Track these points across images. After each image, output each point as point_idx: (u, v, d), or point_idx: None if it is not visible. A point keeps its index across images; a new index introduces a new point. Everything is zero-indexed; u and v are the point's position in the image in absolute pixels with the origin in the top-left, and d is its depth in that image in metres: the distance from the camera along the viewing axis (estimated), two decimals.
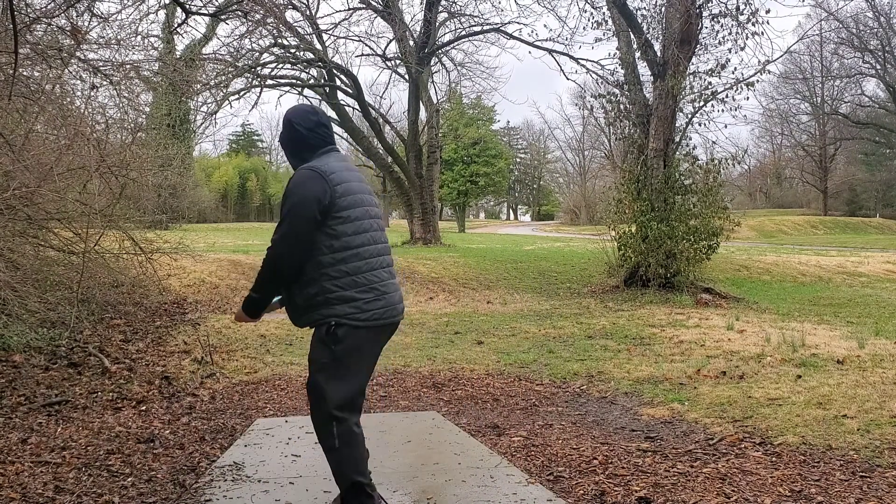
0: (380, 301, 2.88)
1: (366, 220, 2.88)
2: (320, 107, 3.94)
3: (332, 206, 2.76)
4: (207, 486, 3.48)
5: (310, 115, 3.00)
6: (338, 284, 2.80)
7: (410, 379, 6.08)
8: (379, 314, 2.89)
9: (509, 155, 58.40)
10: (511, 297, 11.91)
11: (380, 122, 21.80)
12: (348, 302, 2.81)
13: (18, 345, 5.92)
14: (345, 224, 2.80)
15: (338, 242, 2.79)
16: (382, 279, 2.91)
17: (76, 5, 6.28)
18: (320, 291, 2.80)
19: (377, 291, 2.88)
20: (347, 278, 2.81)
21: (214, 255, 13.08)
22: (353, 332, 2.84)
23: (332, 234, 2.78)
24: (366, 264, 2.85)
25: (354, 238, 2.82)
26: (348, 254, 2.80)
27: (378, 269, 2.90)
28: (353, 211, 2.82)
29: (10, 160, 5.59)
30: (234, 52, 17.37)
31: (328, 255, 2.78)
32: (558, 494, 3.36)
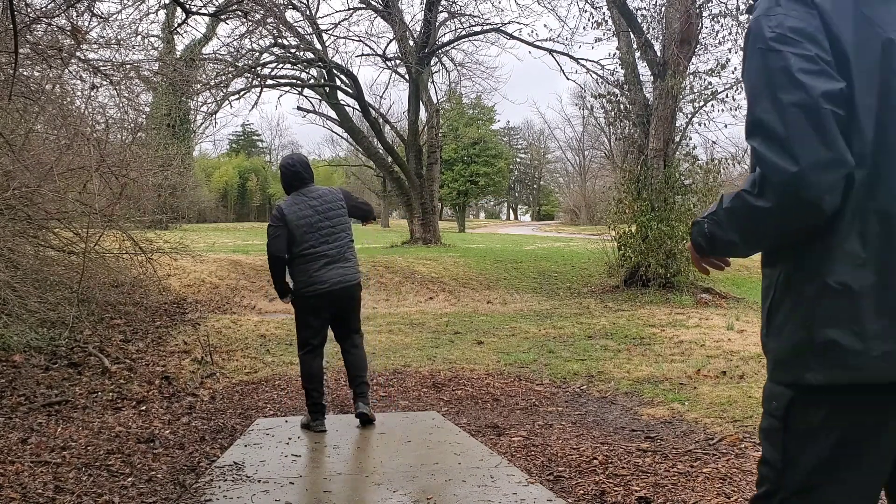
0: (312, 280, 4.51)
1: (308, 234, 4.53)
2: (300, 153, 5.14)
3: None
4: (207, 486, 3.48)
5: (288, 166, 4.70)
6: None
7: (410, 379, 6.09)
8: (312, 289, 4.52)
9: (509, 155, 58.42)
10: (511, 297, 11.91)
11: (380, 122, 21.80)
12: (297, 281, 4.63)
13: (18, 345, 5.92)
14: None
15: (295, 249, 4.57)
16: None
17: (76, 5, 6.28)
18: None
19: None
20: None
21: (214, 255, 13.08)
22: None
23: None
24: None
25: (295, 247, 4.54)
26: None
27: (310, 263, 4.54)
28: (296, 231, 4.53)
29: (10, 160, 5.59)
30: (234, 52, 17.39)
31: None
32: (558, 494, 3.36)
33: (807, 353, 1.44)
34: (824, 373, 1.42)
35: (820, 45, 1.41)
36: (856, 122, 1.41)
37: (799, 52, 1.41)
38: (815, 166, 1.35)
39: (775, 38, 1.44)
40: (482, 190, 51.15)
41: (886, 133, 1.42)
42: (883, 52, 1.42)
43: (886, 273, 1.40)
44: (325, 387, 4.94)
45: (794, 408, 1.49)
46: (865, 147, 1.41)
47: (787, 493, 1.51)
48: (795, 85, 1.38)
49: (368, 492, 3.44)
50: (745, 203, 1.46)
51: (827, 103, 1.36)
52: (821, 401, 1.45)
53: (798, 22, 1.43)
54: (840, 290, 1.41)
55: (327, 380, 5.64)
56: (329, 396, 5.37)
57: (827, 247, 1.43)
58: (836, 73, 1.40)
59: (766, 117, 1.41)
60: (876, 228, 1.40)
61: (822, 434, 1.46)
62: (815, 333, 1.43)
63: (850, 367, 1.39)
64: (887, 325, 1.38)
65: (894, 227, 1.40)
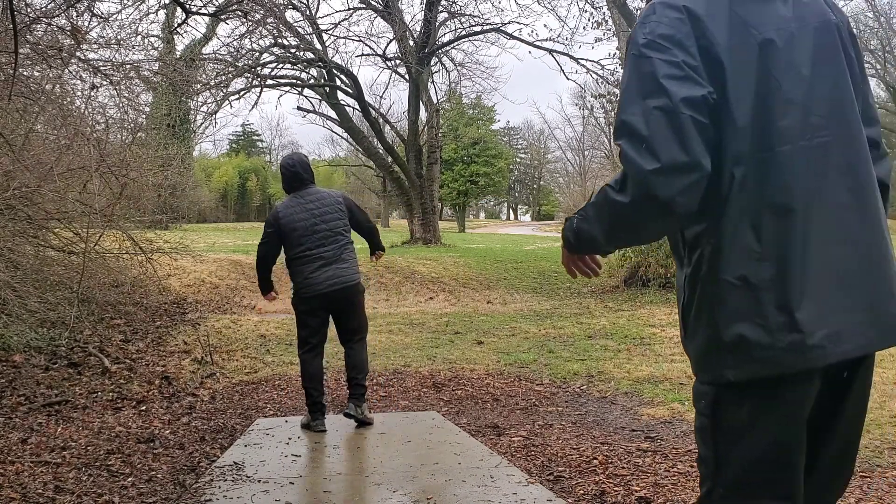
0: (308, 281, 4.54)
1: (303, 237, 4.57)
2: (300, 152, 5.13)
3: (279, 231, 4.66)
4: (207, 486, 3.48)
5: (287, 166, 4.71)
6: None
7: (410, 379, 6.09)
8: (308, 290, 4.55)
9: (509, 155, 58.36)
10: (511, 297, 11.91)
11: (380, 122, 21.80)
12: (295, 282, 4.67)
13: (18, 345, 5.92)
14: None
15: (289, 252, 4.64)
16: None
17: (76, 5, 6.28)
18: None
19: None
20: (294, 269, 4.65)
21: (214, 255, 13.08)
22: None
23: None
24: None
25: (291, 250, 4.61)
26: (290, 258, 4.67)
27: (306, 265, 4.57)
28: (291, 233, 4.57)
29: (10, 160, 5.59)
30: (234, 52, 17.39)
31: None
32: (558, 494, 3.36)
33: (720, 350, 1.49)
34: (739, 368, 1.47)
35: (687, 52, 1.45)
36: (731, 123, 1.46)
37: (666, 59, 1.45)
38: (671, 167, 1.40)
39: (646, 45, 1.48)
40: (482, 190, 51.10)
41: (765, 132, 1.46)
42: (760, 53, 1.47)
43: (784, 265, 1.44)
44: (326, 387, 4.95)
45: (720, 405, 1.53)
46: (743, 145, 1.45)
47: (723, 489, 1.54)
48: (660, 90, 1.43)
49: (368, 492, 3.44)
50: (606, 197, 1.51)
51: (686, 109, 1.41)
52: (743, 395, 1.49)
53: (668, 29, 1.47)
54: (739, 285, 1.45)
55: (327, 380, 5.64)
56: (329, 396, 5.37)
57: (721, 245, 1.47)
58: (704, 78, 1.44)
59: (633, 119, 1.45)
60: (771, 222, 1.44)
61: (749, 428, 1.50)
62: (723, 331, 1.47)
63: (761, 360, 1.44)
64: (790, 315, 1.43)
65: (787, 221, 1.45)
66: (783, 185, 1.45)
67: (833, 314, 1.44)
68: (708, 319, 1.51)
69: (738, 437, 1.52)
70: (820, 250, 1.45)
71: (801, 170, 1.46)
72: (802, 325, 1.42)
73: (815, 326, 1.42)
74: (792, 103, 1.47)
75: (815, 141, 1.47)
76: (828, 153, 1.48)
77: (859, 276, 1.47)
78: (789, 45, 1.50)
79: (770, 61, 1.48)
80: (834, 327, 1.43)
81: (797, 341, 1.42)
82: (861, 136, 1.54)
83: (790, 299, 1.43)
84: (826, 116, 1.49)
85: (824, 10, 1.57)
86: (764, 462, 1.50)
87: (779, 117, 1.46)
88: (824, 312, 1.43)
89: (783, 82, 1.48)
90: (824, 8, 1.58)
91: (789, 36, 1.50)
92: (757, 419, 1.49)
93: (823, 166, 1.48)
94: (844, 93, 1.53)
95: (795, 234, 1.44)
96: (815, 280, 1.44)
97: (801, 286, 1.43)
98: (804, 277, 1.43)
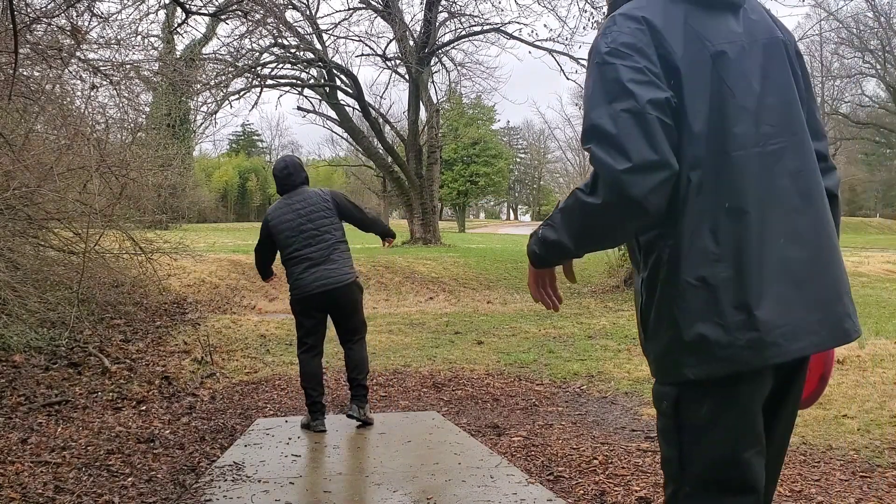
0: (298, 283, 4.55)
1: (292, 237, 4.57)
2: (295, 155, 5.11)
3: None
4: (207, 486, 3.48)
5: (279, 169, 4.72)
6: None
7: (410, 379, 6.09)
8: (299, 292, 4.56)
9: (509, 155, 58.35)
10: (511, 297, 11.91)
11: (380, 122, 21.79)
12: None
13: (18, 345, 5.92)
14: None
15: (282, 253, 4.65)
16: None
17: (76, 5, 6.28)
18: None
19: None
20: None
21: (214, 255, 13.08)
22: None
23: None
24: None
25: (283, 251, 4.63)
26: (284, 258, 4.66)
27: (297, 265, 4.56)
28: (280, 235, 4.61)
29: (10, 160, 5.59)
30: (234, 52, 17.38)
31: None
32: (558, 494, 3.36)
33: (681, 350, 1.53)
34: (700, 367, 1.51)
35: (649, 59, 1.53)
36: (688, 128, 1.52)
37: (629, 65, 1.52)
38: (642, 166, 1.45)
39: (609, 52, 1.55)
40: (482, 190, 51.09)
41: (720, 137, 1.53)
42: (713, 64, 1.55)
43: (741, 266, 1.50)
44: (326, 387, 4.94)
45: (682, 405, 1.57)
46: (699, 150, 1.52)
47: (689, 487, 1.58)
48: (626, 93, 1.49)
49: (368, 492, 3.44)
50: (577, 200, 1.54)
51: (653, 110, 1.47)
52: (704, 394, 1.54)
53: (629, 38, 1.55)
54: (699, 285, 1.50)
55: (327, 380, 5.64)
56: (329, 396, 5.37)
57: (680, 247, 1.53)
58: (664, 84, 1.52)
59: (601, 122, 1.51)
60: (726, 225, 1.50)
61: (711, 426, 1.54)
62: (683, 330, 1.52)
63: (721, 358, 1.49)
64: (747, 314, 1.48)
65: (742, 223, 1.50)
66: (738, 188, 1.51)
67: (789, 313, 1.50)
68: (669, 321, 1.54)
69: (700, 436, 1.56)
70: (774, 251, 1.51)
71: (754, 174, 1.53)
72: (760, 323, 1.48)
73: (771, 325, 1.48)
74: (745, 111, 1.55)
75: (768, 147, 1.55)
76: (780, 159, 1.56)
77: (812, 276, 1.54)
78: (740, 58, 1.58)
79: (723, 72, 1.55)
80: (790, 326, 1.49)
81: (755, 339, 1.48)
82: (809, 145, 1.62)
83: (748, 299, 1.49)
84: (777, 125, 1.57)
85: (772, 28, 1.67)
86: (727, 458, 1.55)
87: (733, 124, 1.53)
88: (780, 311, 1.49)
89: (736, 91, 1.55)
90: (772, 26, 1.68)
91: (740, 49, 1.59)
92: (718, 417, 1.54)
93: (776, 172, 1.55)
94: (793, 105, 1.62)
95: (751, 236, 1.50)
96: (771, 280, 1.50)
97: (758, 286, 1.49)
98: (760, 277, 1.49)
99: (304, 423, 4.56)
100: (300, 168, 4.74)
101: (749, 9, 1.66)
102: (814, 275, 1.55)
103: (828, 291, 1.56)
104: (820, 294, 1.55)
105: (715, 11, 1.61)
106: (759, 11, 1.69)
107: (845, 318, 1.57)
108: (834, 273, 1.59)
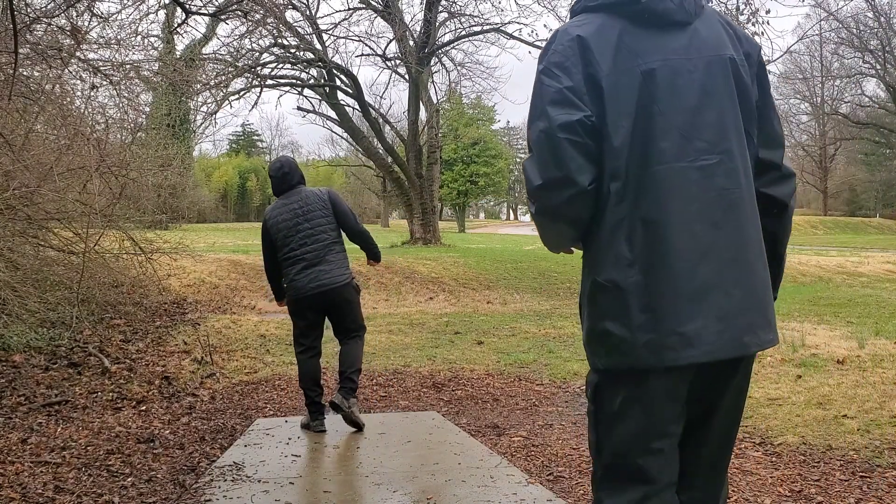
0: (293, 284, 4.50)
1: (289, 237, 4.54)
2: (290, 156, 5.06)
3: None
4: (207, 486, 3.48)
5: (275, 170, 4.67)
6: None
7: (410, 379, 6.09)
8: (293, 292, 4.52)
9: (509, 155, 58.31)
10: (511, 297, 11.91)
11: (380, 122, 21.79)
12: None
13: (18, 345, 5.92)
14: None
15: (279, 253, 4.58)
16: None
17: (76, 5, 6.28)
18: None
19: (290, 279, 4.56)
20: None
21: (214, 255, 13.08)
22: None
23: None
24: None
25: (279, 251, 4.57)
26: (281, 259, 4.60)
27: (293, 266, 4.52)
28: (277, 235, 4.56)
29: (10, 160, 5.59)
30: (234, 52, 17.38)
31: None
32: (558, 494, 3.36)
33: (593, 342, 1.70)
34: (606, 358, 1.67)
35: (572, 78, 1.62)
36: (608, 143, 1.62)
37: (552, 85, 1.63)
38: (550, 183, 1.61)
39: (542, 71, 1.67)
40: (482, 190, 51.08)
41: (643, 152, 1.61)
42: (643, 80, 1.62)
43: (650, 272, 1.60)
44: (325, 387, 4.94)
45: (599, 392, 1.72)
46: (620, 163, 1.61)
47: (601, 471, 1.72)
48: (543, 114, 1.62)
49: (368, 492, 3.44)
50: (529, 208, 1.74)
51: (562, 132, 1.58)
52: (616, 385, 1.68)
53: (560, 57, 1.64)
54: (609, 287, 1.63)
55: (326, 380, 5.64)
56: (329, 397, 5.37)
57: (598, 251, 1.66)
58: (586, 103, 1.61)
59: (529, 137, 1.66)
60: (641, 233, 1.61)
61: (619, 415, 1.67)
62: (596, 325, 1.67)
63: (623, 353, 1.63)
64: (651, 317, 1.60)
65: (656, 233, 1.60)
66: (657, 200, 1.61)
67: (689, 321, 1.59)
68: (586, 315, 1.71)
69: (611, 424, 1.69)
70: (684, 262, 1.60)
71: (674, 188, 1.61)
72: (660, 327, 1.59)
73: (670, 330, 1.59)
74: (673, 127, 1.62)
75: (698, 163, 1.62)
76: (710, 175, 1.63)
77: (717, 288, 1.62)
78: (675, 75, 1.64)
79: (653, 89, 1.62)
80: (687, 333, 1.59)
81: (653, 341, 1.59)
82: (742, 163, 1.68)
83: (652, 304, 1.59)
84: (711, 141, 1.64)
85: (721, 46, 1.71)
86: (631, 448, 1.66)
87: (659, 139, 1.61)
88: (682, 319, 1.59)
89: (664, 108, 1.62)
90: (723, 43, 1.71)
91: (676, 67, 1.65)
92: (626, 408, 1.66)
93: (703, 186, 1.62)
94: (729, 123, 1.67)
95: (664, 247, 1.60)
96: (677, 288, 1.59)
97: (665, 293, 1.59)
98: (667, 285, 1.59)
99: (304, 424, 4.56)
100: (296, 168, 4.70)
101: (701, 26, 1.70)
102: (721, 287, 1.62)
103: (732, 304, 1.62)
104: (723, 306, 1.61)
105: (655, 29, 1.66)
106: (714, 27, 1.72)
107: (747, 330, 1.64)
108: (745, 287, 1.65)
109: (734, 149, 1.66)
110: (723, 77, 1.67)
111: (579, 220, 1.65)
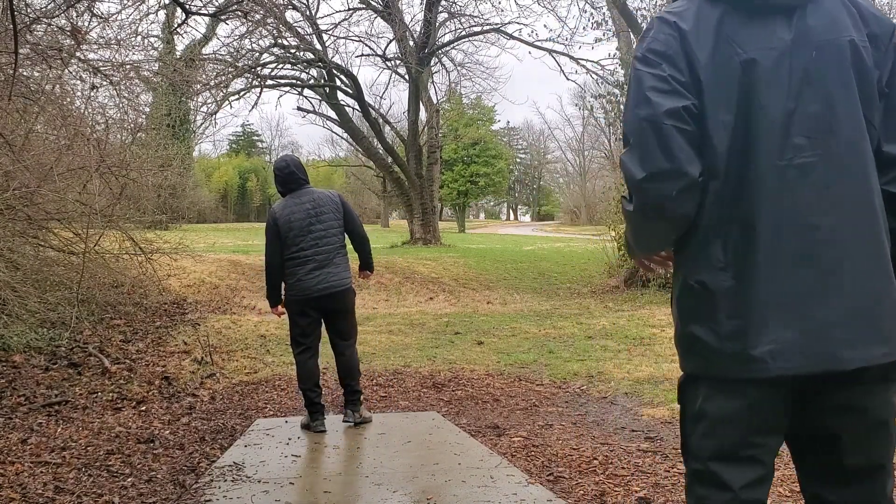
0: (300, 283, 4.51)
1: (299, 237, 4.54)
2: (294, 155, 5.01)
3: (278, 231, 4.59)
4: (207, 486, 3.48)
5: (281, 168, 4.67)
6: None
7: (410, 379, 6.08)
8: (299, 292, 4.53)
9: (509, 155, 58.34)
10: (511, 297, 11.91)
11: (380, 123, 21.80)
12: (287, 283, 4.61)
13: (18, 345, 5.92)
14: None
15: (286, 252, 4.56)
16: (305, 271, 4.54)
17: (76, 5, 6.28)
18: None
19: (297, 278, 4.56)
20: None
21: (214, 255, 13.08)
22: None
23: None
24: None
25: (286, 250, 4.54)
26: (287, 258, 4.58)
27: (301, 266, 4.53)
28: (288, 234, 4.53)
29: (10, 160, 5.59)
30: (234, 52, 17.39)
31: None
32: (558, 495, 3.36)
33: (681, 344, 1.64)
34: (691, 363, 1.62)
35: (676, 67, 1.54)
36: (707, 138, 1.52)
37: (654, 72, 1.55)
38: (656, 175, 1.50)
39: (640, 59, 1.60)
40: (482, 190, 51.10)
41: (746, 148, 1.52)
42: (742, 72, 1.53)
43: (742, 278, 1.52)
44: (325, 387, 4.94)
45: (683, 391, 1.67)
46: (718, 160, 1.53)
47: (690, 476, 1.66)
48: (645, 101, 1.53)
49: (368, 492, 3.44)
50: (623, 208, 1.63)
51: (668, 119, 1.50)
52: (699, 386, 1.61)
53: (660, 45, 1.57)
54: (698, 289, 1.56)
55: (326, 380, 5.65)
56: (328, 397, 5.37)
57: (693, 251, 1.58)
58: (691, 92, 1.53)
59: (627, 129, 1.57)
60: (737, 236, 1.52)
61: (700, 419, 1.61)
62: (683, 328, 1.61)
63: (707, 359, 1.56)
64: (740, 325, 1.51)
65: (751, 237, 1.51)
66: (753, 202, 1.51)
67: (778, 331, 1.49)
68: (676, 315, 1.64)
69: (694, 427, 1.63)
70: (778, 269, 1.50)
71: (771, 188, 1.51)
72: (748, 337, 1.50)
73: (758, 340, 1.49)
74: (773, 122, 1.52)
75: (796, 161, 1.51)
76: (808, 174, 1.51)
77: (811, 299, 1.50)
78: (776, 66, 1.53)
79: (753, 80, 1.53)
80: (777, 345, 1.49)
81: (740, 351, 1.51)
82: (853, 157, 1.53)
83: (742, 311, 1.51)
84: (813, 136, 1.52)
85: (836, 29, 1.56)
86: (712, 455, 1.59)
87: (757, 135, 1.52)
88: (770, 329, 1.49)
89: (765, 101, 1.52)
90: (839, 25, 1.56)
91: (778, 56, 1.54)
92: (707, 412, 1.59)
93: (799, 186, 1.51)
94: (839, 113, 1.53)
95: (758, 252, 1.50)
96: (768, 297, 1.50)
97: (755, 301, 1.51)
98: (758, 293, 1.50)
99: (304, 424, 4.57)
100: (302, 167, 4.72)
101: (812, 8, 1.56)
102: (815, 297, 1.50)
103: (825, 316, 1.49)
104: (815, 318, 1.49)
105: (759, 16, 1.55)
106: (830, 8, 1.57)
107: (844, 345, 1.48)
108: (849, 296, 1.50)
109: (842, 143, 1.52)
110: (836, 63, 1.53)
111: (684, 218, 1.53)
